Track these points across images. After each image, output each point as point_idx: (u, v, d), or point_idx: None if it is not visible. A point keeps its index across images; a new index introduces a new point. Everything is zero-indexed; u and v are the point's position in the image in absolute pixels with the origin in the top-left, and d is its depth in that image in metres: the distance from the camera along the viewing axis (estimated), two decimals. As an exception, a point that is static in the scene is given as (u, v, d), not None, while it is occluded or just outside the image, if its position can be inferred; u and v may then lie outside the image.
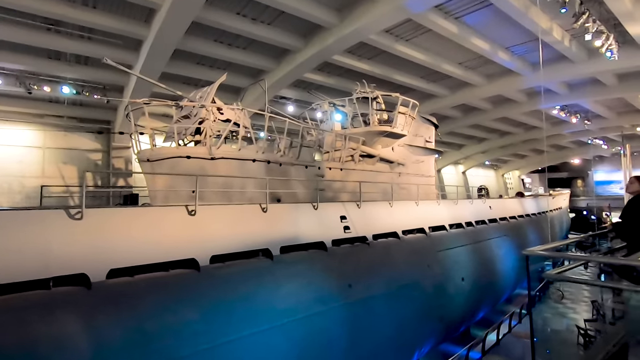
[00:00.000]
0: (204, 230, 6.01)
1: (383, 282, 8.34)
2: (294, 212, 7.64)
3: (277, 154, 8.91)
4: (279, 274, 6.62)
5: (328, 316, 7.00)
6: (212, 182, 7.46)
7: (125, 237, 5.20)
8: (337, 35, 10.86)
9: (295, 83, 15.96)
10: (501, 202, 18.43)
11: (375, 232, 9.15)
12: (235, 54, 12.49)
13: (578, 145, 36.21)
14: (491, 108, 21.37)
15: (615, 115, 23.81)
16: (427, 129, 14.35)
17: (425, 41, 12.72)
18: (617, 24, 10.87)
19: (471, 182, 39.03)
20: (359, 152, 11.16)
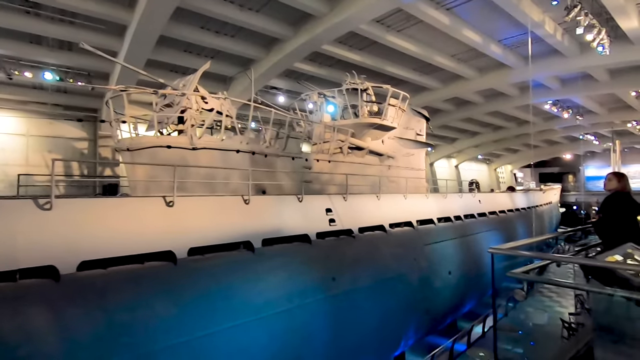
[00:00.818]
0: (182, 221, 5.87)
1: (368, 276, 8.30)
2: (277, 204, 7.53)
3: (262, 145, 8.75)
4: (260, 267, 6.52)
5: (310, 309, 6.94)
6: (194, 172, 7.31)
7: (98, 228, 5.04)
8: (327, 24, 10.64)
9: (285, 73, 15.71)
10: (491, 197, 18.47)
11: (361, 225, 9.08)
12: (222, 41, 12.20)
13: (570, 141, 36.42)
14: (484, 102, 21.30)
15: (607, 111, 23.89)
16: (418, 122, 14.23)
17: (417, 32, 12.54)
18: (609, 18, 10.78)
19: (464, 176, 39.20)
20: (348, 144, 11.03)
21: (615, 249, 2.61)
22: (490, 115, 24.34)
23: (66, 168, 15.71)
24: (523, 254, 2.15)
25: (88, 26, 11.05)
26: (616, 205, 3.43)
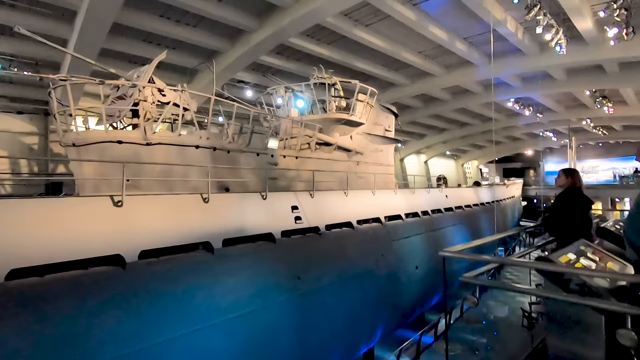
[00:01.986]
0: (132, 222, 5.45)
1: (335, 273, 8.18)
2: (239, 202, 7.21)
3: (225, 141, 8.37)
4: (220, 268, 6.21)
5: (274, 310, 6.72)
6: (150, 170, 6.85)
7: (33, 232, 4.55)
8: (292, 15, 10.34)
9: (253, 66, 15.26)
10: (457, 191, 18.95)
11: (328, 222, 8.94)
12: (184, 31, 11.60)
13: (531, 137, 38.13)
14: (450, 99, 21.77)
15: (564, 109, 25.11)
16: (386, 118, 14.27)
17: (385, 28, 12.49)
18: (566, 18, 11.18)
19: (433, 171, 40.16)
20: (316, 140, 10.83)
21: (568, 247, 2.56)
22: (457, 112, 24.96)
23: (14, 165, 14.50)
24: (474, 258, 2.04)
25: (32, 10, 10.15)
26: (567, 201, 3.44)
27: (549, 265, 1.91)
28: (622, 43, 11.26)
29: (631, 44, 11.42)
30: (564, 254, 2.32)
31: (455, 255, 1.99)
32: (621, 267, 2.53)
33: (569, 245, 2.66)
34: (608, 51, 12.49)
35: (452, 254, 1.99)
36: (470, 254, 2.02)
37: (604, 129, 31.58)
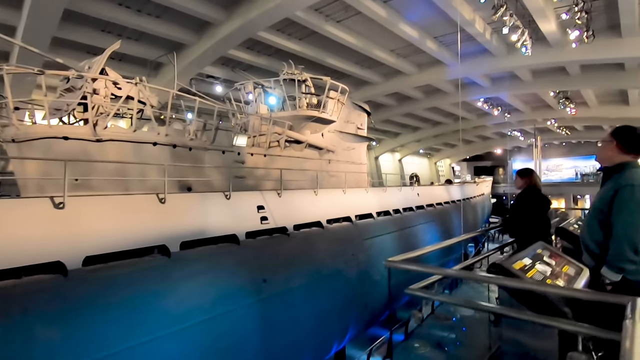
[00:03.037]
0: (76, 226, 4.99)
1: (303, 274, 7.94)
2: (200, 203, 6.83)
3: (187, 137, 7.95)
4: (176, 273, 5.82)
5: (237, 315, 6.41)
6: (102, 168, 6.37)
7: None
8: (261, 8, 9.99)
9: (222, 61, 14.78)
10: (429, 189, 19.16)
11: (297, 222, 8.68)
12: (146, 22, 10.98)
13: (500, 136, 39.35)
14: (423, 98, 22.01)
15: (530, 110, 26.00)
16: (359, 116, 14.16)
17: (356, 24, 12.35)
18: (531, 20, 11.42)
19: (407, 169, 40.70)
20: (285, 138, 10.53)
21: (524, 251, 2.45)
22: (430, 111, 25.31)
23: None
24: (417, 268, 1.86)
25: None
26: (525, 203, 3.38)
27: (495, 278, 1.76)
28: (583, 46, 11.64)
29: (591, 47, 11.83)
30: (519, 259, 2.19)
31: (400, 265, 1.80)
32: (577, 270, 2.44)
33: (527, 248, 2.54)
34: (570, 53, 12.91)
35: (397, 263, 1.80)
36: (414, 265, 1.84)
37: (567, 129, 33.00)
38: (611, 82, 17.09)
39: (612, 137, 2.23)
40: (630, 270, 1.98)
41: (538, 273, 2.15)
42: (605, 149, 2.26)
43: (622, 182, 2.09)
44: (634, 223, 2.00)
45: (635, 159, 2.18)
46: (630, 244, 1.96)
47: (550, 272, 2.22)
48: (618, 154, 2.20)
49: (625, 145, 2.18)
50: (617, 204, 2.07)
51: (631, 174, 2.10)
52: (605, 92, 21.67)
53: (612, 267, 2.00)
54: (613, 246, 2.02)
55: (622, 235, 1.99)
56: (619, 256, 1.97)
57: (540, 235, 3.04)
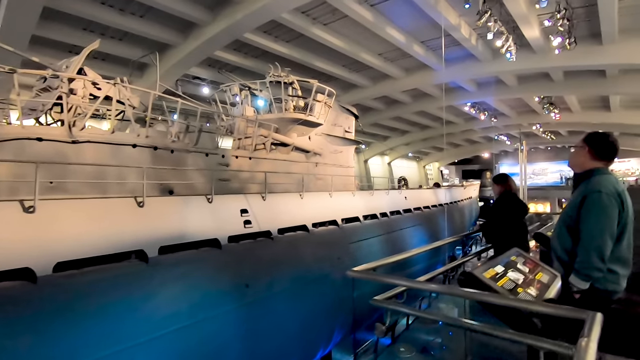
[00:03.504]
0: (47, 230, 4.81)
1: (287, 279, 7.83)
2: (181, 206, 6.68)
3: (168, 139, 7.79)
4: (155, 279, 5.66)
5: (218, 322, 6.26)
6: (79, 171, 6.17)
7: None
8: (246, 10, 9.91)
9: (209, 62, 14.62)
10: (417, 193, 19.22)
11: (281, 226, 8.57)
12: (129, 21, 10.79)
13: (487, 141, 39.90)
14: (411, 101, 22.15)
15: (516, 114, 26.41)
16: (346, 119, 14.13)
17: (343, 27, 12.36)
18: (515, 26, 11.59)
19: (396, 173, 40.89)
20: (271, 140, 10.43)
21: (498, 258, 2.41)
22: (418, 114, 25.49)
23: None
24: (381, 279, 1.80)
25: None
26: (502, 209, 3.36)
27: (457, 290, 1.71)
28: (565, 52, 11.86)
29: (573, 54, 12.05)
30: (491, 267, 2.15)
31: (363, 275, 1.74)
32: (551, 277, 2.41)
33: (502, 254, 2.50)
34: (553, 59, 13.14)
35: (360, 274, 1.73)
36: (377, 275, 1.78)
37: (552, 134, 33.65)
38: (593, 88, 17.48)
39: (585, 143, 2.21)
40: (597, 278, 1.95)
41: (509, 281, 2.11)
42: (577, 155, 2.24)
43: (589, 189, 2.06)
44: (600, 230, 1.95)
45: (606, 166, 2.16)
46: (597, 252, 1.92)
47: (522, 280, 2.18)
48: (589, 160, 2.17)
49: (596, 152, 2.16)
50: (585, 211, 2.03)
51: (599, 180, 2.06)
52: (587, 98, 22.15)
53: (580, 275, 1.96)
54: (581, 254, 1.98)
55: (589, 243, 1.96)
56: (586, 264, 1.94)
57: (517, 240, 3.02)
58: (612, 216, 1.97)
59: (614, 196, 1.99)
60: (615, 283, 2.00)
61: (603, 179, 2.09)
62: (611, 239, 1.95)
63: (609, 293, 2.00)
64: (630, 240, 2.04)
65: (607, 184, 2.05)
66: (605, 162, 2.17)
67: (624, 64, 13.36)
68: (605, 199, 1.99)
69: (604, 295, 1.98)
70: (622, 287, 2.01)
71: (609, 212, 1.97)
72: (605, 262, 1.93)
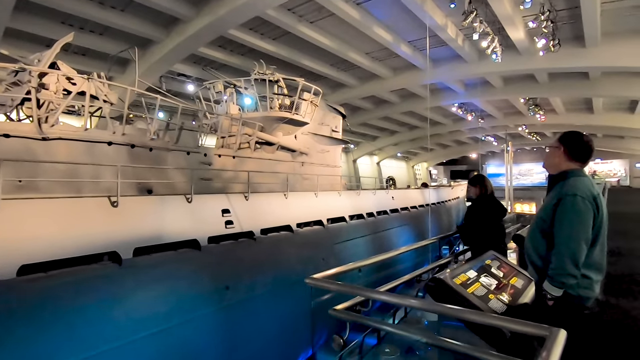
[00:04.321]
0: (10, 231, 4.56)
1: (269, 280, 7.67)
2: (158, 206, 6.47)
3: (147, 137, 7.55)
4: (128, 281, 5.45)
5: (196, 325, 6.08)
6: (50, 169, 5.91)
7: None
8: (230, 5, 9.70)
9: (194, 59, 14.35)
10: (404, 193, 19.24)
11: (264, 226, 8.42)
12: (109, 15, 10.46)
13: (474, 141, 40.30)
14: (399, 101, 22.17)
15: (503, 116, 26.70)
16: (333, 118, 14.02)
17: (330, 26, 12.23)
18: (501, 27, 11.63)
19: (385, 172, 41.00)
20: (255, 139, 10.25)
21: (472, 262, 2.32)
22: (406, 115, 25.53)
23: None
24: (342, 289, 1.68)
25: None
26: (479, 211, 3.28)
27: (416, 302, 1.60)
28: (550, 54, 11.96)
29: (557, 56, 12.17)
30: (463, 272, 2.05)
31: (321, 283, 1.62)
32: (526, 282, 2.32)
33: (477, 258, 2.41)
34: (538, 61, 13.25)
35: (319, 281, 1.61)
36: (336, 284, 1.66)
37: (537, 135, 34.15)
38: (577, 90, 17.74)
39: (560, 143, 2.11)
40: (571, 285, 1.87)
41: (481, 287, 2.01)
42: (552, 156, 2.14)
43: (564, 191, 1.96)
44: (575, 236, 1.86)
45: (582, 167, 2.08)
46: (571, 258, 1.83)
47: (495, 286, 2.09)
48: (565, 161, 2.08)
49: (571, 152, 2.07)
50: (559, 214, 1.93)
51: (575, 182, 1.97)
52: (571, 100, 22.52)
53: (554, 281, 1.87)
54: (554, 259, 1.89)
55: (563, 248, 1.87)
56: (560, 270, 1.84)
57: (494, 243, 2.94)
58: (587, 221, 1.89)
59: (589, 200, 1.90)
60: (588, 289, 1.91)
61: (579, 181, 1.99)
62: (586, 244, 1.87)
63: (582, 299, 1.91)
64: (604, 244, 1.96)
65: (582, 187, 1.95)
66: (581, 163, 2.09)
67: (606, 67, 13.57)
68: (580, 202, 1.89)
69: (577, 301, 1.90)
70: (595, 292, 1.93)
71: (584, 216, 1.89)
72: (579, 269, 1.85)
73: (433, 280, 1.96)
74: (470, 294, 1.90)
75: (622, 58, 12.40)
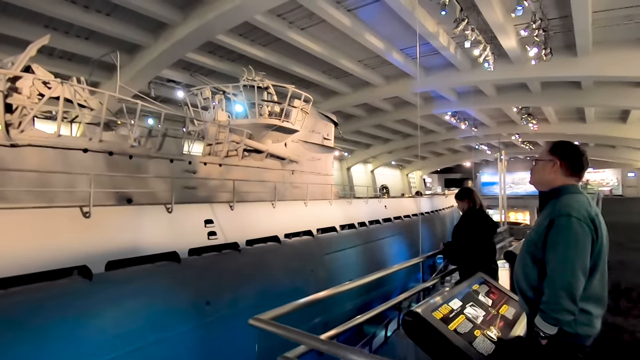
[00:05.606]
0: (-34, 245, 4.24)
1: (253, 294, 7.34)
2: (134, 217, 6.16)
3: (126, 144, 7.25)
4: (99, 297, 5.12)
5: (172, 343, 5.74)
6: (20, 178, 5.59)
7: None
8: (217, 10, 9.50)
9: (183, 65, 14.12)
10: (397, 201, 19.02)
11: (250, 237, 8.11)
12: (94, 19, 10.20)
13: (468, 150, 40.33)
14: (392, 109, 22.08)
15: (496, 124, 26.72)
16: (325, 126, 13.82)
17: (321, 32, 12.09)
18: (493, 36, 11.56)
19: (379, 181, 40.83)
20: (243, 147, 9.98)
21: (457, 287, 2.05)
22: (400, 123, 25.45)
23: None
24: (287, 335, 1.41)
25: None
26: (467, 227, 3.03)
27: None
28: (542, 63, 11.90)
29: (549, 65, 12.11)
30: (445, 303, 1.78)
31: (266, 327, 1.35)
32: (518, 310, 2.05)
33: (464, 282, 2.13)
34: (530, 70, 13.20)
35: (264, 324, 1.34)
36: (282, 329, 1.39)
37: (531, 144, 34.27)
38: (569, 99, 17.75)
39: (554, 155, 1.84)
40: (568, 322, 1.60)
41: (465, 322, 1.74)
42: (544, 171, 1.85)
43: (557, 211, 1.70)
44: (571, 264, 1.60)
45: (577, 182, 1.83)
46: (567, 290, 1.57)
47: (482, 319, 1.82)
48: (561, 177, 1.81)
49: (571, 166, 1.80)
50: (551, 239, 1.67)
51: (569, 200, 1.71)
52: (564, 110, 22.58)
53: (547, 317, 1.61)
54: (547, 291, 1.64)
55: (557, 279, 1.61)
56: (553, 305, 1.59)
57: (484, 262, 2.68)
58: (584, 246, 1.62)
59: (586, 222, 1.65)
60: (588, 325, 1.64)
61: (574, 199, 1.73)
62: (583, 274, 1.60)
63: (581, 338, 1.64)
64: (604, 273, 1.70)
65: (578, 206, 1.69)
66: (578, 177, 1.84)
67: (597, 76, 13.54)
68: (576, 225, 1.63)
69: (576, 340, 1.63)
70: (596, 329, 1.66)
71: (580, 241, 1.62)
72: (576, 303, 1.58)
73: (410, 315, 1.69)
74: (452, 331, 1.62)
75: (614, 67, 12.38)
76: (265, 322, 1.35)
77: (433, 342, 1.57)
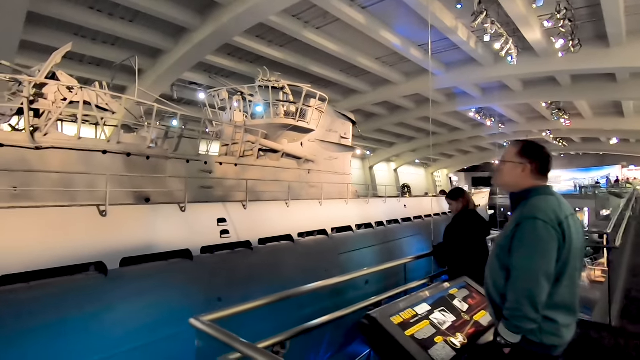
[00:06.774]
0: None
1: (265, 292, 7.40)
2: (149, 215, 6.40)
3: (144, 145, 7.55)
4: (113, 292, 5.38)
5: (183, 339, 5.92)
6: (43, 178, 5.96)
7: None
8: (232, 12, 9.69)
9: (204, 68, 14.50)
10: (418, 201, 18.63)
11: (263, 236, 8.23)
12: (118, 26, 10.69)
13: (497, 147, 38.81)
14: (414, 107, 21.64)
15: (525, 120, 25.56)
16: (343, 125, 13.76)
17: (337, 31, 12.03)
18: (515, 28, 11.06)
19: (402, 180, 40.15)
20: (258, 146, 10.12)
21: (431, 289, 1.98)
22: (422, 120, 24.89)
23: None
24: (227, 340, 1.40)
25: None
26: (459, 228, 2.92)
27: None
28: (570, 55, 11.27)
29: (578, 57, 11.45)
30: (411, 307, 1.73)
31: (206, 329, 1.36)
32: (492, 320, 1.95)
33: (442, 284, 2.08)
34: (557, 63, 12.53)
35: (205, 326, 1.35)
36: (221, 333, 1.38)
37: (564, 140, 32.53)
38: (603, 93, 16.67)
39: (523, 156, 1.75)
40: (531, 330, 1.52)
41: (428, 327, 1.68)
42: (514, 172, 1.74)
43: (523, 214, 1.62)
44: (533, 269, 1.51)
45: (546, 182, 1.72)
46: (528, 297, 1.48)
47: (449, 325, 1.75)
48: (530, 179, 1.72)
49: (541, 168, 1.71)
50: (516, 242, 1.58)
51: (537, 202, 1.62)
52: (599, 104, 21.25)
53: (510, 325, 1.53)
54: (509, 297, 1.56)
55: (518, 284, 1.53)
56: (515, 312, 1.50)
57: (474, 266, 2.58)
58: (548, 251, 1.53)
59: (553, 225, 1.55)
60: (554, 335, 1.53)
61: (542, 201, 1.63)
62: (547, 280, 1.51)
63: (547, 347, 1.55)
64: (574, 280, 1.58)
65: (546, 208, 1.59)
66: (546, 178, 1.74)
67: (634, 68, 12.63)
68: (541, 228, 1.54)
69: (540, 350, 1.53)
70: (565, 339, 1.56)
71: (545, 245, 1.53)
72: (538, 311, 1.48)
73: (366, 318, 1.65)
74: (408, 337, 1.56)
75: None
76: (207, 324, 1.37)
77: (386, 347, 1.53)
